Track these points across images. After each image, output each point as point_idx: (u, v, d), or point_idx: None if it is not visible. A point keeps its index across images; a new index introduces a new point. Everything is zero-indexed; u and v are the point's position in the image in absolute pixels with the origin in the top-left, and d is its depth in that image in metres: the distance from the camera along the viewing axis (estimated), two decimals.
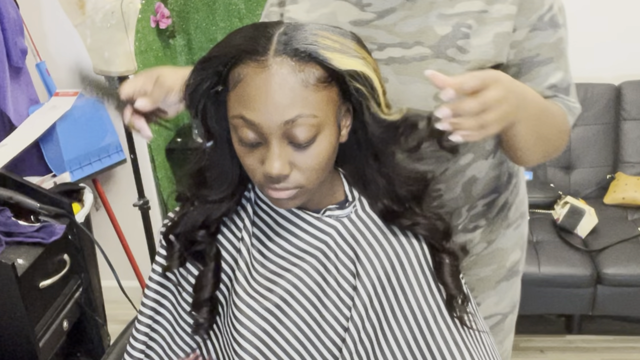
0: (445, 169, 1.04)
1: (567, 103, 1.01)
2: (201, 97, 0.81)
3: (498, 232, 1.17)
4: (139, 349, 0.97)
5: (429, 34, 0.96)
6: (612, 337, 2.38)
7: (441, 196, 1.05)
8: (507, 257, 1.20)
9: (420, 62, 0.97)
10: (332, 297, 0.85)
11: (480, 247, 1.17)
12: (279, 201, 0.81)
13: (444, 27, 0.96)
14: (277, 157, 0.76)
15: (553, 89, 1.00)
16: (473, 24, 0.96)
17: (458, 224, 1.12)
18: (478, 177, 1.08)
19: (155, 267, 0.96)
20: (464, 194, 1.09)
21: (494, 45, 0.96)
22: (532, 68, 0.99)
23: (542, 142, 0.97)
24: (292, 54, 0.75)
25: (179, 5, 2.47)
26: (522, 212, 1.22)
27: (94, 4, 1.77)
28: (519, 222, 1.21)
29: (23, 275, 1.42)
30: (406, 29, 0.97)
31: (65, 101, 2.04)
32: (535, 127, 0.92)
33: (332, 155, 0.81)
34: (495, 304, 1.21)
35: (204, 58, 0.80)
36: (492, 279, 1.20)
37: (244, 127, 0.77)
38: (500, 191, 1.14)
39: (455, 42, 0.96)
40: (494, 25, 0.96)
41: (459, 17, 0.96)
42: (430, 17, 0.96)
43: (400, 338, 0.85)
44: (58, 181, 1.97)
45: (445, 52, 0.96)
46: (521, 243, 1.24)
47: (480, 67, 0.96)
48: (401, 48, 0.98)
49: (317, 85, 0.75)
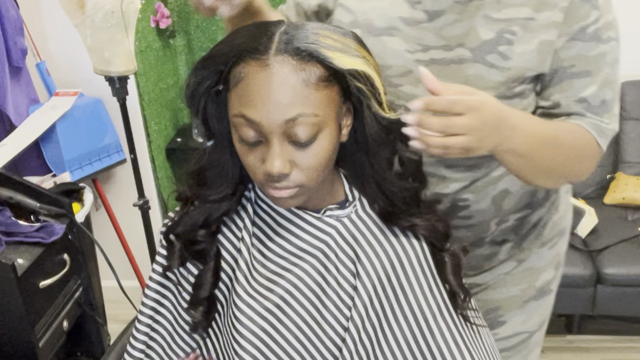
0: (475, 179, 1.02)
1: (598, 123, 0.95)
2: (202, 96, 0.81)
3: (530, 250, 1.14)
4: (139, 349, 0.97)
5: (472, 36, 0.94)
6: (612, 337, 2.38)
7: (469, 206, 1.04)
8: (538, 276, 1.16)
9: (459, 65, 0.95)
10: (332, 297, 0.85)
11: (510, 266, 1.14)
12: (280, 200, 0.81)
13: (488, 31, 0.93)
14: (278, 155, 0.76)
15: (583, 105, 0.95)
16: (518, 30, 0.92)
17: (485, 236, 1.10)
18: (510, 191, 1.05)
19: (155, 266, 0.96)
20: (494, 207, 1.06)
21: (537, 54, 0.93)
22: (564, 79, 0.95)
23: (545, 169, 0.93)
24: (294, 53, 0.75)
25: (179, 5, 2.47)
26: (561, 230, 1.18)
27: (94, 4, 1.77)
28: (555, 241, 1.17)
29: (23, 275, 1.42)
30: (453, 31, 0.95)
31: (65, 101, 2.04)
32: (531, 156, 0.89)
33: (332, 154, 0.81)
34: (522, 322, 1.19)
35: (205, 57, 0.80)
36: (520, 298, 1.16)
37: (244, 126, 0.77)
38: (534, 208, 1.10)
39: (497, 48, 0.93)
40: (540, 33, 0.92)
41: (504, 23, 0.93)
42: (476, 19, 0.94)
43: (401, 338, 0.85)
44: (58, 181, 1.96)
45: (485, 58, 0.93)
46: (556, 262, 1.19)
47: (520, 75, 0.94)
48: (443, 50, 0.96)
49: (318, 84, 0.75)
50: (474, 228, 1.08)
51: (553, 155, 0.91)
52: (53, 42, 2.18)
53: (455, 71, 0.95)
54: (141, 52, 2.22)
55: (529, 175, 0.93)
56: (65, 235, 1.59)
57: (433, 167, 1.00)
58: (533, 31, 0.92)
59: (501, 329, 1.18)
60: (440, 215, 0.91)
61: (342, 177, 0.91)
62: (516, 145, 0.86)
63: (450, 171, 1.01)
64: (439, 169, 1.01)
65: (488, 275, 1.15)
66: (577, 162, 0.96)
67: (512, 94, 0.95)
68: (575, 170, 0.97)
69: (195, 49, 2.60)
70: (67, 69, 2.19)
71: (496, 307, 1.16)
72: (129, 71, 1.91)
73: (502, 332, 1.18)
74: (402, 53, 0.98)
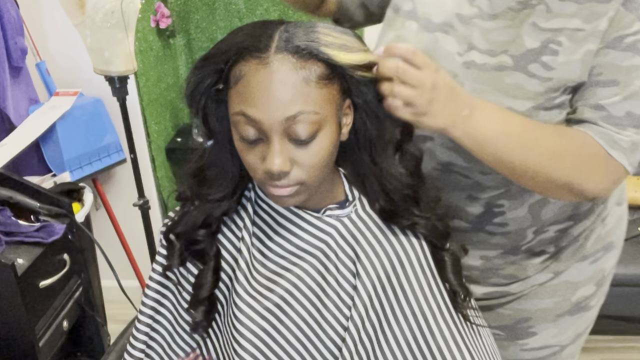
0: (511, 183, 0.97)
1: (611, 134, 0.86)
2: (202, 95, 0.81)
3: (569, 263, 1.10)
4: (139, 348, 0.97)
5: (517, 43, 0.91)
6: (612, 337, 2.38)
7: (504, 213, 1.01)
8: (574, 291, 1.12)
9: (499, 72, 0.92)
10: (332, 296, 0.85)
11: (545, 278, 1.11)
12: (280, 198, 0.81)
13: (533, 40, 0.90)
14: (278, 153, 0.76)
15: (600, 113, 0.87)
16: (564, 41, 0.88)
17: (521, 245, 1.06)
18: (550, 200, 1.00)
19: (155, 266, 0.96)
20: (531, 216, 1.02)
21: (581, 64, 0.88)
22: (588, 86, 0.89)
23: (522, 168, 0.86)
24: (294, 51, 0.75)
25: (179, 5, 2.46)
26: (607, 244, 1.12)
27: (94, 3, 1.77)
28: (598, 256, 1.12)
29: (23, 275, 1.42)
30: (500, 37, 0.93)
31: (65, 101, 2.04)
32: (495, 147, 0.84)
33: (332, 153, 0.81)
34: (554, 336, 1.15)
35: (205, 56, 0.80)
36: (553, 312, 1.12)
37: (245, 124, 0.77)
38: (577, 220, 1.05)
39: (540, 58, 0.89)
40: (586, 42, 0.88)
41: (551, 32, 0.89)
42: (524, 26, 0.91)
43: (400, 338, 0.85)
44: (58, 181, 1.96)
45: (527, 67, 0.90)
46: (598, 278, 1.13)
47: (561, 85, 0.89)
48: (487, 55, 0.93)
49: (318, 82, 0.75)
50: (509, 235, 1.05)
51: (526, 153, 0.86)
52: (53, 42, 2.18)
53: (494, 78, 0.92)
54: (141, 52, 2.22)
55: (506, 172, 0.89)
56: (65, 235, 1.59)
57: (467, 171, 0.99)
58: (580, 41, 0.88)
59: (531, 340, 1.15)
60: (440, 215, 0.90)
61: (342, 176, 0.91)
62: (475, 129, 0.83)
63: (485, 176, 0.98)
64: (474, 174, 0.99)
65: (521, 285, 1.11)
66: (568, 168, 0.87)
67: (551, 105, 0.91)
68: (572, 177, 0.87)
69: (195, 49, 2.59)
70: (67, 69, 2.19)
71: (527, 317, 1.13)
72: (128, 71, 1.91)
73: (532, 343, 1.15)
74: (453, 55, 0.95)
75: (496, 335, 1.14)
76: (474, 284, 1.12)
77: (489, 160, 0.87)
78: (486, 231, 1.05)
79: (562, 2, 0.89)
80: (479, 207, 1.02)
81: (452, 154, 0.98)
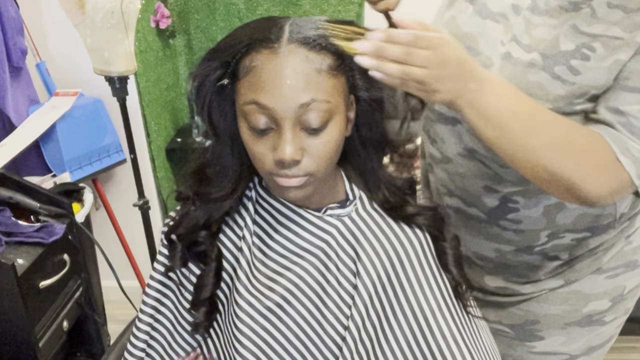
0: (529, 183, 0.93)
1: (624, 139, 0.84)
2: (208, 90, 0.82)
3: (582, 273, 1.08)
4: (140, 348, 0.98)
5: (552, 42, 0.89)
6: None
7: (518, 210, 1.01)
8: (586, 303, 1.09)
9: (525, 68, 0.90)
10: (333, 295, 0.86)
11: (556, 284, 1.09)
12: (288, 190, 0.81)
13: (569, 43, 0.87)
14: (290, 142, 0.76)
15: (618, 117, 0.85)
16: (598, 47, 0.85)
17: (535, 246, 1.05)
18: (567, 205, 0.98)
19: (156, 266, 0.96)
20: (546, 218, 1.01)
21: (607, 72, 0.85)
22: (613, 89, 0.86)
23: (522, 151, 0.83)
24: (305, 42, 0.76)
25: (179, 5, 2.46)
26: (630, 262, 1.08)
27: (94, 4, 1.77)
28: (618, 272, 1.08)
29: (23, 275, 1.42)
30: (541, 34, 0.90)
31: (65, 101, 2.04)
32: (499, 123, 0.82)
33: (340, 145, 0.82)
34: (562, 344, 1.13)
35: (213, 49, 0.81)
36: (561, 319, 1.11)
37: (256, 113, 0.77)
38: (595, 232, 1.03)
39: (569, 61, 0.87)
40: (619, 51, 0.85)
41: (588, 37, 0.86)
42: (564, 27, 0.88)
43: (401, 337, 0.85)
44: (58, 181, 1.96)
45: (553, 69, 0.88)
46: (614, 295, 1.09)
47: (584, 92, 0.87)
48: (523, 51, 0.91)
49: (329, 72, 0.77)
50: (522, 234, 1.04)
51: (529, 139, 0.83)
52: (53, 42, 2.18)
53: (519, 74, 0.91)
54: (141, 52, 2.22)
55: (506, 157, 0.85)
56: (65, 236, 1.59)
57: (488, 160, 0.99)
58: (613, 50, 0.85)
59: (538, 343, 1.14)
60: (435, 206, 0.92)
61: (343, 175, 0.92)
62: (482, 102, 0.80)
63: (503, 169, 0.98)
64: (493, 164, 0.98)
65: (532, 287, 1.11)
66: (572, 164, 0.84)
67: (571, 111, 0.88)
68: (574, 174, 0.83)
69: (195, 49, 2.59)
70: (67, 69, 2.19)
71: (535, 320, 1.13)
72: (128, 71, 1.91)
73: (539, 347, 1.14)
74: (496, 43, 0.94)
75: (506, 333, 1.16)
76: (488, 275, 1.13)
77: (490, 141, 0.84)
78: (500, 225, 1.05)
79: (611, 9, 0.85)
80: (495, 200, 1.02)
81: (476, 139, 0.98)
